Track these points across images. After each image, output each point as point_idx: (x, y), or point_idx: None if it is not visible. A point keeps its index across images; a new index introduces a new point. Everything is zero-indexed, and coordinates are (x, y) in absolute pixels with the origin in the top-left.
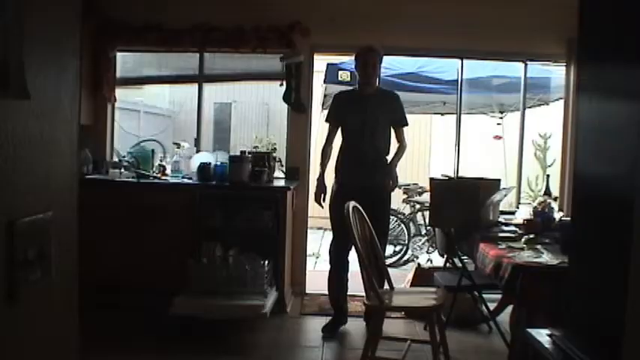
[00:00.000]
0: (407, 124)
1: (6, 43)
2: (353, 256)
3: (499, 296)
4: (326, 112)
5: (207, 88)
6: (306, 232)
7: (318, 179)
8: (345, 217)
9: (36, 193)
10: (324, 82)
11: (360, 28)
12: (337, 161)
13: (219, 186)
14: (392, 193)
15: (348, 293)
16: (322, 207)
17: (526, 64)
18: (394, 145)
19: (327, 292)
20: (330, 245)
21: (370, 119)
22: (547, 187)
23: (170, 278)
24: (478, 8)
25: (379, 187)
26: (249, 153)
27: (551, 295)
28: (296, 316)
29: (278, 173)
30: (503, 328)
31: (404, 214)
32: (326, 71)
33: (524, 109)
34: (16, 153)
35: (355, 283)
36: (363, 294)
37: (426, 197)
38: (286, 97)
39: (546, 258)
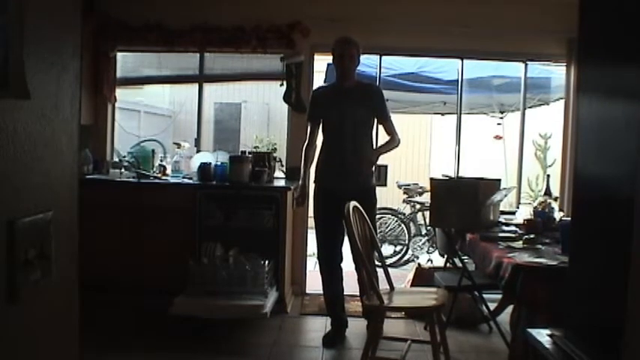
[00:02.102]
0: (387, 118)
1: (6, 43)
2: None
3: (499, 296)
4: None
5: (208, 88)
6: (306, 232)
7: (300, 184)
8: (329, 220)
9: (36, 193)
10: (324, 82)
11: (360, 27)
12: (318, 160)
13: (220, 186)
14: (391, 193)
15: (349, 293)
16: (302, 206)
17: (526, 64)
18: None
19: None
20: (318, 254)
21: (350, 115)
22: (547, 187)
23: (170, 278)
24: (478, 8)
25: (364, 189)
26: (249, 153)
27: (551, 295)
28: (296, 316)
29: (278, 173)
30: (503, 328)
31: (404, 214)
32: (326, 71)
33: (524, 109)
34: (16, 153)
35: (355, 283)
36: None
37: (426, 197)
38: (286, 97)
39: (546, 258)
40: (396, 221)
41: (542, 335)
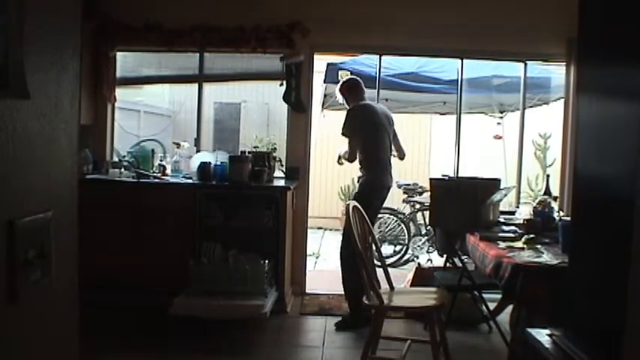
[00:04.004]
0: (344, 135)
1: (6, 43)
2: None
3: (499, 296)
4: (326, 111)
5: (207, 87)
6: (306, 232)
7: None
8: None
9: (36, 193)
10: (324, 82)
11: (360, 27)
12: None
13: (219, 186)
14: (391, 193)
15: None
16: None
17: (526, 64)
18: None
19: (326, 293)
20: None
21: None
22: (547, 187)
23: (170, 278)
24: (478, 8)
25: (358, 190)
26: (249, 153)
27: (551, 295)
28: (296, 316)
29: (278, 173)
30: (503, 328)
31: (404, 214)
32: (326, 71)
33: (524, 109)
34: (16, 153)
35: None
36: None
37: (426, 197)
38: (286, 97)
39: (546, 258)
40: (396, 221)
41: (542, 335)
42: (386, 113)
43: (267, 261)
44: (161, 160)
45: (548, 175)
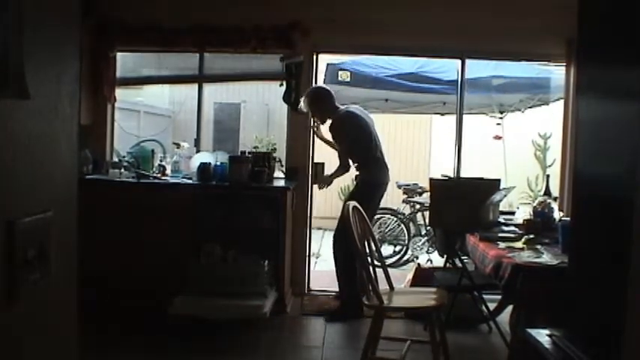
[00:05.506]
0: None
1: (6, 43)
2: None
3: (499, 296)
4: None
5: (207, 88)
6: (306, 232)
7: None
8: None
9: (36, 193)
10: (324, 82)
11: (360, 28)
12: None
13: (219, 186)
14: (390, 193)
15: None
16: None
17: (463, 62)
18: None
19: (326, 293)
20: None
21: None
22: (547, 187)
23: (170, 278)
24: (478, 8)
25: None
26: (249, 153)
27: (551, 295)
28: (296, 316)
29: (278, 173)
30: (503, 328)
31: (404, 214)
32: (326, 71)
33: (461, 114)
34: (15, 153)
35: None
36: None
37: (426, 197)
38: (286, 98)
39: (546, 258)
40: (396, 221)
41: (542, 335)
42: (366, 113)
43: (266, 261)
44: (161, 161)
45: (548, 176)
